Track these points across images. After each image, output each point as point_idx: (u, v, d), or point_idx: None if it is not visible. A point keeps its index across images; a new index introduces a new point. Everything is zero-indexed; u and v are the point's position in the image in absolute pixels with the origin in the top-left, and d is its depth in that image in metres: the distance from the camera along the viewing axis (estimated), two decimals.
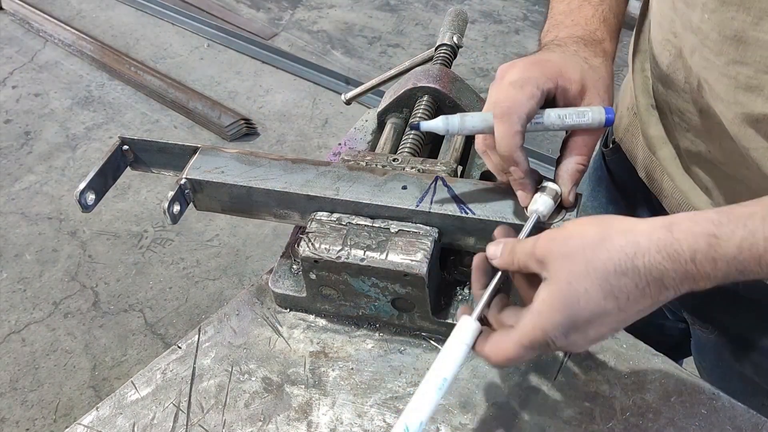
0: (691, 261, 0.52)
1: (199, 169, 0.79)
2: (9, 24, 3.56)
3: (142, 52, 3.34)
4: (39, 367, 2.04)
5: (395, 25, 3.51)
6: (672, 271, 0.52)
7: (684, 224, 0.53)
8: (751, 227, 0.51)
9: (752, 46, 0.60)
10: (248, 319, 0.80)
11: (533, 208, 0.66)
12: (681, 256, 0.52)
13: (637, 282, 0.53)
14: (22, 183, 2.66)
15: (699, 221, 0.53)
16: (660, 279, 0.52)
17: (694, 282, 0.53)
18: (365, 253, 0.72)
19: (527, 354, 0.57)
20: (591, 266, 0.53)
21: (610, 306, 0.54)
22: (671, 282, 0.53)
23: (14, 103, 3.06)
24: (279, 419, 0.71)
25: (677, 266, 0.52)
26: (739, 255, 0.51)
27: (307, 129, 2.90)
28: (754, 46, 0.60)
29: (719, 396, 0.70)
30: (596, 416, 0.69)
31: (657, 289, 0.53)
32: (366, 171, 0.78)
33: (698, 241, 0.52)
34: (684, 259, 0.52)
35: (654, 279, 0.52)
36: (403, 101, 0.93)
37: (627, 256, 0.53)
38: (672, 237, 0.52)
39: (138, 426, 0.71)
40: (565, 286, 0.54)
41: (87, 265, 2.34)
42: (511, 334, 0.57)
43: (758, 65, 0.60)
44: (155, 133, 2.88)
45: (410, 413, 0.57)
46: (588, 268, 0.53)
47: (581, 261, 0.54)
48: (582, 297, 0.53)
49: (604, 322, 0.55)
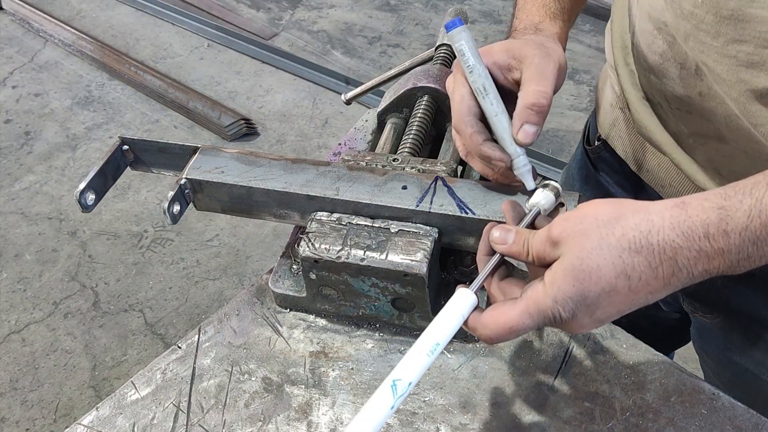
0: (704, 236, 0.51)
1: (199, 169, 0.79)
2: (9, 24, 3.56)
3: (142, 52, 3.34)
4: (39, 367, 2.04)
5: (395, 25, 3.51)
6: (686, 249, 0.52)
7: (695, 201, 0.53)
8: (757, 195, 0.51)
9: (750, 23, 0.61)
10: (248, 319, 0.80)
11: (534, 201, 0.65)
12: (694, 232, 0.52)
13: (650, 261, 0.52)
14: (22, 183, 2.66)
15: (708, 197, 0.53)
16: (674, 258, 0.52)
17: (708, 260, 0.52)
18: (365, 253, 0.72)
19: (530, 324, 0.56)
20: (605, 242, 0.53)
21: (621, 285, 0.53)
22: (684, 261, 0.52)
23: (14, 103, 3.06)
24: (279, 419, 0.71)
25: (691, 243, 0.52)
26: (749, 223, 0.51)
27: (307, 129, 2.90)
28: (753, 22, 0.60)
29: (719, 396, 0.70)
30: (596, 416, 0.69)
31: (670, 269, 0.52)
32: (366, 171, 0.78)
33: (709, 215, 0.52)
34: (697, 236, 0.52)
35: (668, 258, 0.52)
36: (403, 101, 0.93)
37: (641, 233, 0.53)
38: (685, 214, 0.52)
39: (138, 426, 0.71)
40: (578, 262, 0.54)
41: (87, 265, 2.34)
42: (517, 302, 0.56)
43: (758, 41, 0.61)
44: (155, 133, 2.88)
45: (399, 372, 0.56)
46: (602, 244, 0.53)
47: (595, 237, 0.53)
48: (594, 273, 0.53)
49: (612, 302, 0.54)
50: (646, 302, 0.55)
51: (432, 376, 0.74)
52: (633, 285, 0.53)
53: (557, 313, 0.54)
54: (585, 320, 0.55)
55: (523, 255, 0.59)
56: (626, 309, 0.55)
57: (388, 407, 0.55)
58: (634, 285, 0.53)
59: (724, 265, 0.52)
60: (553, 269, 0.55)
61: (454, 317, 0.58)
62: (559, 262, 0.55)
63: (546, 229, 0.57)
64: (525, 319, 0.56)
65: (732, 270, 0.53)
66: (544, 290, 0.55)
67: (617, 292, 0.53)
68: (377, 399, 0.55)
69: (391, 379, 0.56)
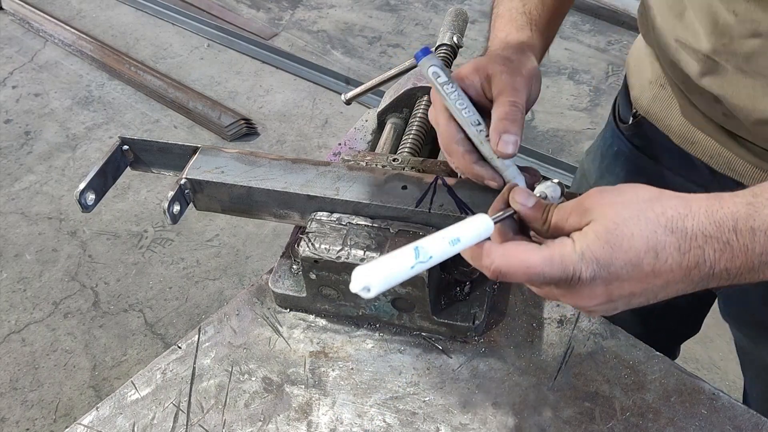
0: (733, 230, 0.52)
1: (199, 169, 0.79)
2: (9, 24, 3.56)
3: (142, 52, 3.34)
4: (39, 367, 2.04)
5: (395, 25, 3.51)
6: (715, 240, 0.52)
7: (728, 196, 0.54)
8: None
9: None
10: (248, 319, 0.80)
11: (541, 189, 0.65)
12: (725, 224, 0.52)
13: (681, 244, 0.52)
14: (22, 183, 2.66)
15: (740, 193, 0.54)
16: (702, 248, 0.52)
17: (732, 257, 0.52)
18: (365, 253, 0.72)
19: (547, 273, 0.54)
20: (643, 215, 0.53)
21: (648, 261, 0.53)
22: (711, 253, 0.52)
23: (14, 103, 3.06)
24: (279, 419, 0.71)
25: (720, 234, 0.52)
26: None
27: (307, 129, 2.90)
28: None
29: (719, 396, 0.70)
30: (596, 416, 0.69)
31: (695, 259, 0.52)
32: (366, 171, 0.78)
33: (739, 209, 0.52)
34: (727, 227, 0.52)
35: (697, 246, 0.52)
36: (403, 101, 0.93)
37: (679, 215, 0.53)
38: (719, 205, 0.53)
39: (138, 426, 0.71)
40: (613, 226, 0.53)
41: (87, 265, 2.34)
42: (543, 247, 0.55)
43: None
44: (155, 133, 2.88)
45: (424, 242, 0.53)
46: (640, 216, 0.53)
47: (634, 209, 0.53)
48: (627, 240, 0.52)
49: (631, 278, 0.53)
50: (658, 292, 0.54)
51: (432, 376, 0.74)
52: (658, 266, 0.53)
53: (579, 270, 0.53)
54: (599, 290, 0.54)
55: (540, 221, 0.58)
56: (638, 293, 0.54)
57: (408, 266, 0.51)
58: (659, 266, 0.53)
59: (745, 268, 0.52)
60: (585, 231, 0.54)
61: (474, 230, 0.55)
62: (591, 225, 0.54)
63: (576, 200, 0.57)
64: (545, 265, 0.54)
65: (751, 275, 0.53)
66: (573, 245, 0.54)
67: (641, 268, 0.53)
68: (400, 254, 0.52)
69: (414, 244, 0.52)
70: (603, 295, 0.55)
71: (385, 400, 0.72)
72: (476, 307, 0.76)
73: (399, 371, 0.74)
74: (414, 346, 0.77)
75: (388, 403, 0.72)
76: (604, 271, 0.53)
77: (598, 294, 0.55)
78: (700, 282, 0.54)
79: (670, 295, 0.55)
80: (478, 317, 0.75)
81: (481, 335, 0.76)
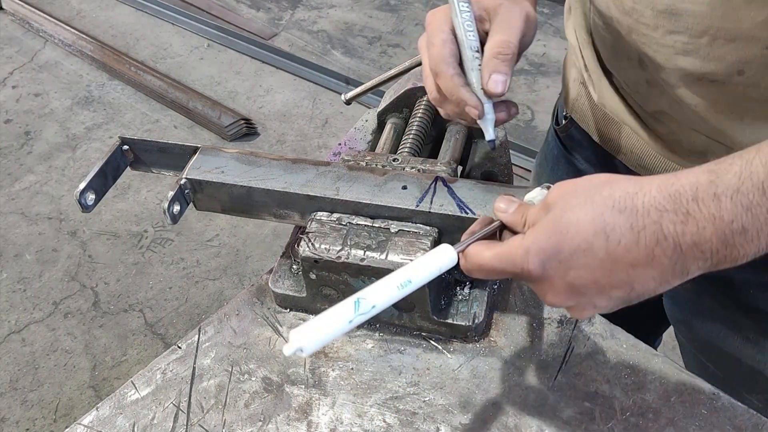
0: (693, 199, 0.49)
1: (199, 169, 0.79)
2: (9, 24, 3.57)
3: (142, 52, 3.34)
4: (39, 367, 2.04)
5: (395, 25, 3.51)
6: (672, 213, 0.49)
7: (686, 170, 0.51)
8: (747, 157, 0.49)
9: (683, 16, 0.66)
10: (248, 319, 0.80)
11: (530, 197, 0.65)
12: (682, 195, 0.50)
13: (632, 222, 0.50)
14: (22, 183, 2.66)
15: (699, 167, 0.51)
16: (658, 222, 0.50)
17: (698, 230, 0.49)
18: (365, 253, 0.72)
19: (497, 268, 0.56)
20: (590, 200, 0.52)
21: (599, 244, 0.51)
22: (671, 227, 0.49)
23: (14, 103, 3.06)
24: (279, 419, 0.71)
25: (678, 206, 0.49)
26: (740, 185, 0.48)
27: (307, 129, 2.90)
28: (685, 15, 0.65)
29: (719, 396, 0.70)
30: (596, 416, 0.70)
31: (653, 236, 0.50)
32: (366, 171, 0.78)
33: (698, 177, 0.50)
34: (686, 198, 0.49)
35: (652, 222, 0.50)
36: (403, 101, 0.93)
37: (628, 194, 0.51)
38: (674, 178, 0.51)
39: (138, 426, 0.71)
40: (560, 214, 0.53)
41: (87, 265, 2.34)
42: (495, 245, 0.57)
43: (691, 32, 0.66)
44: (155, 133, 2.88)
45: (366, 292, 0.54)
46: (587, 200, 0.52)
47: (583, 195, 0.53)
48: (572, 226, 0.52)
49: (587, 264, 0.52)
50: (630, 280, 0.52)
51: (432, 376, 0.74)
52: (611, 248, 0.51)
53: (525, 263, 0.53)
54: (557, 281, 0.53)
55: (520, 224, 0.59)
56: (605, 282, 0.52)
57: (346, 320, 0.52)
58: (612, 248, 0.51)
59: (717, 239, 0.49)
60: (536, 225, 0.55)
61: (433, 265, 0.58)
62: (542, 219, 0.55)
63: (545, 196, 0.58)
64: (494, 262, 0.56)
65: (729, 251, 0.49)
66: (520, 241, 0.55)
67: (593, 253, 0.51)
68: (338, 309, 0.53)
69: (356, 296, 0.53)
70: (565, 288, 0.54)
71: (385, 400, 0.72)
72: (476, 307, 0.76)
73: (399, 371, 0.74)
74: (414, 346, 0.77)
75: (388, 403, 0.72)
76: (554, 259, 0.53)
77: (557, 286, 0.54)
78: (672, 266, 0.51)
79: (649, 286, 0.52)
80: (478, 317, 0.75)
81: (481, 335, 0.76)
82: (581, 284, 0.53)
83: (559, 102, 1.03)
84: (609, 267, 0.52)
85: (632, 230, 0.50)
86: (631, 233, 0.50)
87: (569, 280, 0.53)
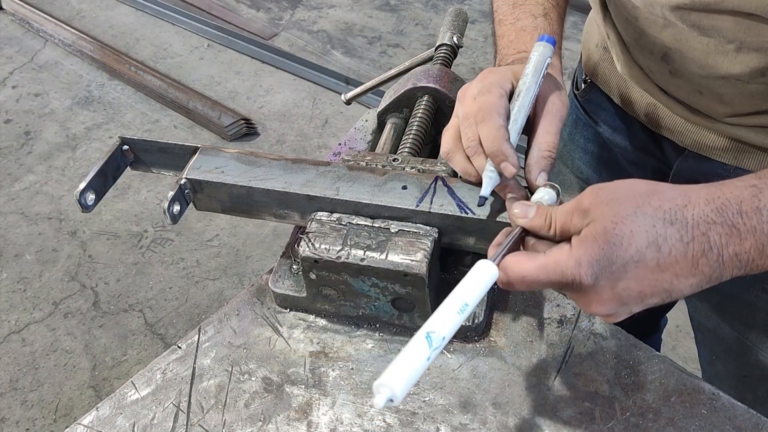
0: (738, 213, 0.52)
1: (199, 169, 0.79)
2: (9, 24, 3.57)
3: (142, 52, 3.34)
4: (39, 367, 2.04)
5: (395, 25, 3.51)
6: (719, 225, 0.52)
7: (730, 182, 0.54)
8: None
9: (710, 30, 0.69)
10: (248, 319, 0.80)
11: (537, 198, 0.65)
12: (728, 208, 0.52)
13: (683, 234, 0.52)
14: (22, 183, 2.66)
15: (743, 178, 0.54)
16: (706, 234, 0.52)
17: (740, 241, 0.52)
18: (365, 253, 0.72)
19: (543, 280, 0.55)
20: (641, 210, 0.53)
21: (651, 256, 0.52)
22: (716, 239, 0.52)
23: (14, 103, 3.06)
24: (279, 419, 0.71)
25: (724, 219, 0.52)
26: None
27: (307, 129, 2.90)
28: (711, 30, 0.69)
29: (719, 396, 0.70)
30: (596, 416, 0.69)
31: (701, 247, 0.52)
32: (366, 171, 0.78)
33: (742, 192, 0.53)
34: (731, 211, 0.52)
35: (700, 234, 0.52)
36: (403, 101, 0.93)
37: (677, 206, 0.53)
38: (720, 191, 0.53)
39: (138, 426, 0.71)
40: (611, 226, 0.53)
41: (87, 265, 2.34)
42: (538, 256, 0.55)
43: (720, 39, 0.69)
44: (155, 133, 2.88)
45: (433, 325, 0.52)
46: (637, 212, 0.53)
47: (631, 205, 0.53)
48: (626, 238, 0.52)
49: (637, 275, 0.53)
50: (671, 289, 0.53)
51: (432, 376, 0.74)
52: (662, 259, 0.52)
53: (578, 276, 0.53)
54: (606, 292, 0.54)
55: (545, 228, 0.58)
56: (648, 292, 0.54)
57: (425, 358, 0.50)
58: (663, 259, 0.52)
59: (755, 249, 0.52)
60: (582, 234, 0.54)
61: (481, 283, 0.56)
62: (589, 227, 0.54)
63: (575, 200, 0.57)
64: (540, 273, 0.55)
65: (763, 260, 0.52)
66: (569, 252, 0.54)
67: (645, 264, 0.52)
68: (413, 349, 0.50)
69: (424, 331, 0.51)
70: (611, 298, 0.54)
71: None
72: (476, 307, 0.76)
73: None
74: None
75: (388, 403, 0.72)
76: (606, 270, 0.53)
77: (605, 296, 0.54)
78: (711, 274, 0.53)
79: (684, 292, 0.54)
80: (478, 317, 0.75)
81: (481, 335, 0.76)
82: (628, 295, 0.54)
83: (577, 68, 1.05)
84: (657, 277, 0.53)
85: (682, 241, 0.52)
86: (680, 244, 0.52)
87: (618, 291, 0.54)
